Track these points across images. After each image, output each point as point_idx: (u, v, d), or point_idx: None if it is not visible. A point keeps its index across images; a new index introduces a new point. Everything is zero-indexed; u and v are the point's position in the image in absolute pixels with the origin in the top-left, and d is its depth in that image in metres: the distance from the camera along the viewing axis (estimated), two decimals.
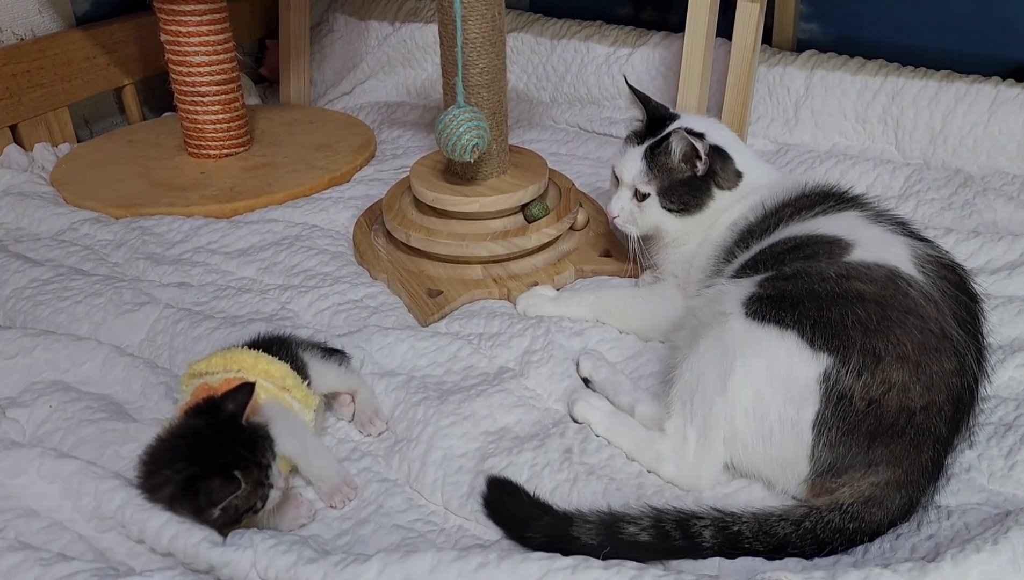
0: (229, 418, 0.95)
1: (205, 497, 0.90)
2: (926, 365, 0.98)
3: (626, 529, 0.95)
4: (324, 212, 1.76)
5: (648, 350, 1.32)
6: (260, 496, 0.94)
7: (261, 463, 0.94)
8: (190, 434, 0.94)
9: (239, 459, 0.92)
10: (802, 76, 1.98)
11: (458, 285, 1.47)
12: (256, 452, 0.94)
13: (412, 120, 2.25)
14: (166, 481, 0.92)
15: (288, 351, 1.14)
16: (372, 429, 1.17)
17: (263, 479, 0.94)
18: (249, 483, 0.92)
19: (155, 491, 0.94)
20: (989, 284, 1.39)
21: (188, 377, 1.08)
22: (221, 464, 0.91)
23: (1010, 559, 0.85)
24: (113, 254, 1.62)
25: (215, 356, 1.08)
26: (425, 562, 0.89)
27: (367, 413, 1.18)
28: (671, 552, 0.95)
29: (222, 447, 0.93)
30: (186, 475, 0.91)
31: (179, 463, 0.92)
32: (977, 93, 1.82)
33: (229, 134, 1.95)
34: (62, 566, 0.89)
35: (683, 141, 1.28)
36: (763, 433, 1.02)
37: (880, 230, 1.13)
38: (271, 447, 0.97)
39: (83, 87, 2.08)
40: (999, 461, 1.07)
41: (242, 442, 0.94)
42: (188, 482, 0.91)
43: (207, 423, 0.95)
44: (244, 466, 0.92)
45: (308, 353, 1.17)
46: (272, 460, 0.96)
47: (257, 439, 0.96)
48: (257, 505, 0.95)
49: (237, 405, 0.96)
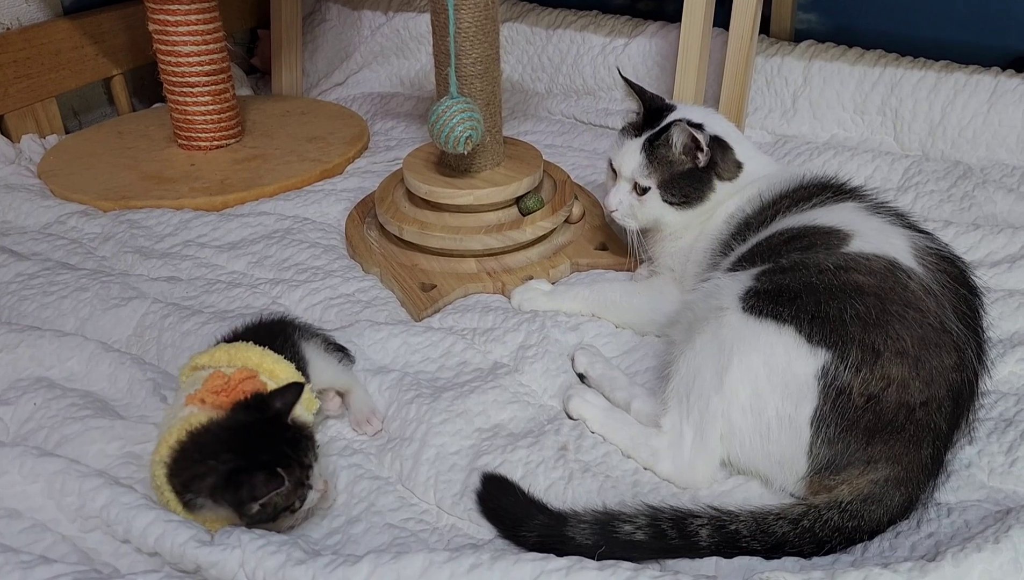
0: (275, 416, 0.95)
1: (248, 491, 0.90)
2: (926, 360, 0.97)
3: (621, 528, 0.93)
4: (316, 205, 1.74)
5: (644, 345, 1.31)
6: (299, 496, 0.95)
7: (304, 463, 0.94)
8: (237, 427, 0.94)
9: (284, 457, 0.92)
10: (800, 66, 1.96)
11: (452, 279, 1.45)
12: (299, 452, 0.94)
13: (406, 111, 2.23)
14: (209, 471, 0.91)
15: (289, 341, 1.13)
16: (368, 429, 1.15)
17: (304, 479, 0.94)
18: (291, 482, 0.92)
19: (195, 480, 0.92)
20: (989, 277, 1.38)
21: (190, 369, 1.07)
22: (266, 460, 0.91)
23: (1012, 558, 0.84)
24: (101, 248, 1.59)
25: (219, 349, 1.07)
26: (416, 563, 0.87)
27: (363, 412, 1.16)
28: (667, 551, 0.94)
29: (268, 443, 0.93)
30: (231, 467, 0.91)
31: (225, 455, 0.91)
32: (976, 84, 1.80)
33: (219, 125, 1.93)
34: (44, 569, 0.87)
35: (684, 132, 1.26)
36: (760, 430, 1.00)
37: (879, 221, 1.12)
38: (314, 448, 0.97)
39: (71, 77, 2.05)
40: (999, 457, 1.05)
41: (287, 440, 0.94)
42: (232, 474, 0.90)
43: (254, 419, 0.94)
44: (288, 464, 0.92)
45: (310, 345, 1.16)
46: (314, 461, 0.96)
47: (301, 439, 0.96)
48: (295, 505, 0.95)
49: (285, 404, 0.96)
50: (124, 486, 1.00)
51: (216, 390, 0.98)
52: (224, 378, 0.99)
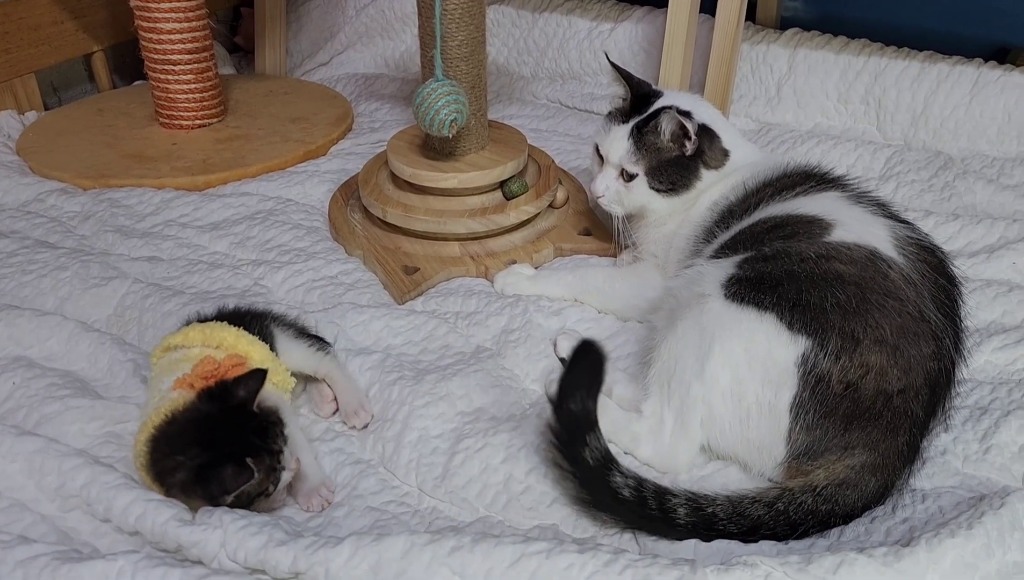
0: (240, 404, 0.94)
1: (218, 486, 0.90)
2: (904, 349, 0.98)
3: (614, 478, 0.95)
4: (299, 186, 1.73)
5: (626, 330, 1.31)
6: (272, 481, 0.95)
7: (272, 450, 0.94)
8: (202, 419, 0.93)
9: (251, 447, 0.92)
10: (785, 54, 1.96)
11: (435, 262, 1.45)
12: (267, 439, 0.94)
13: (390, 93, 2.22)
14: (178, 467, 0.92)
15: (259, 323, 1.12)
16: (357, 421, 1.14)
17: (275, 465, 0.94)
18: (261, 471, 0.93)
19: (167, 475, 0.93)
20: (967, 267, 1.39)
21: (161, 350, 1.06)
22: (233, 452, 0.91)
23: (984, 544, 0.86)
24: (81, 226, 1.58)
25: (192, 329, 1.06)
26: (397, 545, 0.87)
27: (352, 405, 1.15)
28: (647, 520, 0.95)
29: (234, 434, 0.92)
30: (199, 462, 0.91)
31: (192, 449, 0.91)
32: (959, 75, 1.81)
33: (202, 104, 1.91)
34: (23, 549, 0.87)
35: (673, 120, 1.26)
36: (740, 416, 1.01)
37: (861, 210, 1.13)
38: (282, 431, 0.97)
39: (50, 53, 2.02)
40: (974, 445, 1.07)
41: (253, 429, 0.94)
42: (201, 470, 0.90)
43: (218, 409, 0.94)
44: (256, 453, 0.92)
45: (279, 328, 1.15)
46: (283, 445, 0.96)
47: (268, 425, 0.95)
48: (269, 490, 0.95)
49: (248, 391, 0.95)
50: (104, 465, 0.99)
51: (206, 375, 0.97)
52: (215, 363, 0.98)
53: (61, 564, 0.85)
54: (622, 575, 0.84)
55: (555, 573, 0.85)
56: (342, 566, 0.86)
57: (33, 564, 0.85)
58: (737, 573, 0.84)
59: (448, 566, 0.86)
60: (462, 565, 0.86)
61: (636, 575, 0.84)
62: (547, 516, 1.01)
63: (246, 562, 0.88)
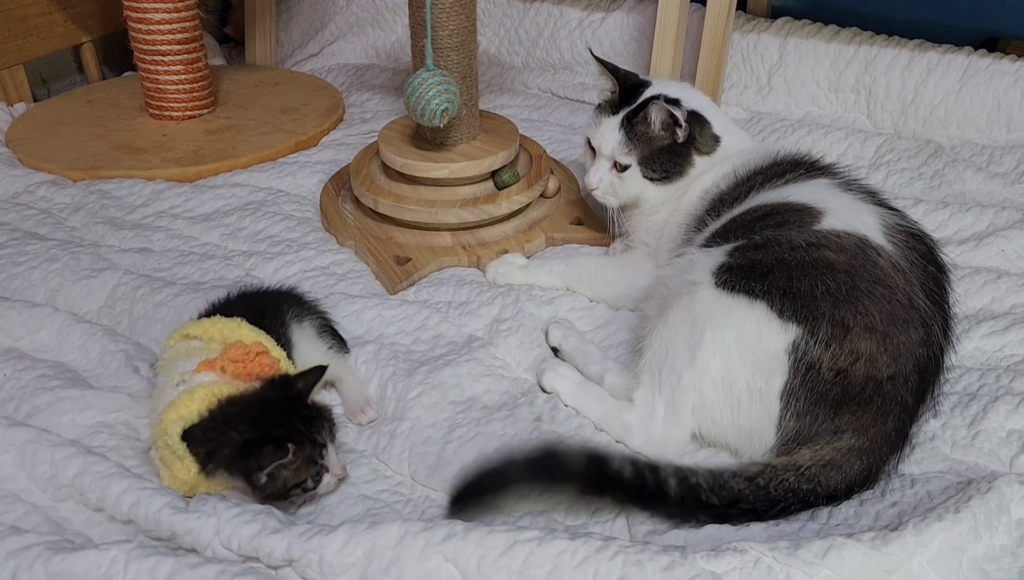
0: (296, 395, 0.99)
1: (254, 461, 0.93)
2: (894, 336, 0.98)
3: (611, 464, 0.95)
4: (290, 177, 1.72)
5: (618, 319, 1.32)
6: (312, 474, 0.97)
7: (316, 441, 0.97)
8: (259, 403, 0.97)
9: (295, 432, 0.95)
10: (776, 43, 1.96)
11: (427, 252, 1.45)
12: (313, 429, 0.97)
13: (381, 83, 2.21)
14: (228, 441, 0.94)
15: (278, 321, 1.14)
16: (363, 418, 1.14)
17: (316, 458, 0.97)
18: (300, 457, 0.95)
19: (217, 449, 0.95)
20: (956, 255, 1.40)
21: (180, 335, 1.08)
22: (278, 434, 0.94)
23: (971, 528, 0.87)
24: (71, 218, 1.57)
25: (214, 324, 1.08)
26: (391, 533, 0.88)
27: (358, 402, 1.15)
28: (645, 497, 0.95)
29: (284, 421, 0.96)
30: (245, 438, 0.94)
31: (243, 426, 0.94)
32: (949, 63, 1.82)
33: (192, 95, 1.90)
34: (15, 539, 0.87)
35: (662, 110, 1.26)
36: (731, 403, 1.02)
37: (850, 198, 1.13)
38: (331, 430, 1.00)
39: (39, 44, 2.01)
40: (962, 430, 1.08)
41: (302, 418, 0.97)
42: (245, 444, 0.93)
43: (276, 396, 0.98)
44: (299, 440, 0.95)
45: (301, 328, 1.16)
46: (329, 442, 0.99)
47: (317, 418, 0.99)
48: (308, 483, 0.97)
49: (306, 384, 1.00)
50: (97, 455, 1.00)
51: (236, 359, 1.01)
52: (244, 348, 1.02)
53: (54, 554, 0.85)
54: (613, 561, 0.85)
55: (547, 559, 0.85)
56: (336, 553, 0.87)
57: (26, 555, 0.85)
58: (727, 558, 0.85)
59: (442, 553, 0.86)
60: (455, 552, 0.86)
61: (627, 561, 0.84)
62: None
63: (240, 550, 0.88)
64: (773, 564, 0.84)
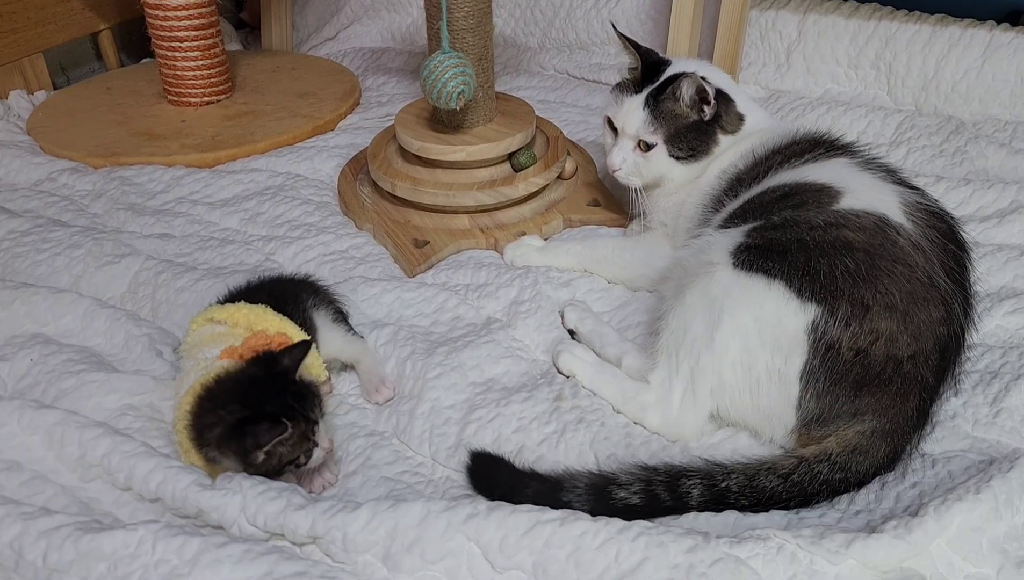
0: (284, 371, 0.98)
1: (252, 439, 0.93)
2: (914, 314, 0.98)
3: (616, 494, 0.94)
4: (308, 161, 1.73)
5: (636, 300, 1.32)
6: (304, 450, 0.97)
7: (309, 417, 0.96)
8: (247, 381, 0.97)
9: (289, 409, 0.95)
10: (795, 20, 1.94)
11: (445, 235, 1.45)
12: (305, 406, 0.97)
13: (397, 66, 2.21)
14: (218, 421, 0.94)
15: (300, 307, 1.14)
16: (379, 397, 1.15)
17: (309, 434, 0.96)
18: (296, 433, 0.94)
19: (207, 430, 0.95)
20: (978, 232, 1.39)
21: (205, 319, 1.09)
22: (271, 411, 0.94)
23: (992, 508, 0.86)
24: (93, 205, 1.59)
25: (239, 310, 1.08)
26: (414, 511, 0.89)
27: (373, 382, 1.16)
28: (660, 513, 0.95)
29: (274, 397, 0.96)
30: (237, 417, 0.93)
31: (233, 405, 0.94)
32: (971, 38, 1.79)
33: (209, 81, 1.91)
34: (45, 520, 0.89)
35: (694, 83, 1.24)
36: (750, 384, 1.02)
37: (870, 177, 1.12)
38: (320, 406, 1.00)
39: (58, 32, 2.02)
40: (984, 409, 1.07)
41: (293, 394, 0.97)
42: (238, 423, 0.93)
43: (263, 373, 0.97)
44: (293, 416, 0.94)
45: (320, 314, 1.16)
46: (320, 418, 0.98)
47: (308, 395, 0.98)
48: (300, 459, 0.97)
49: (292, 360, 0.99)
50: (124, 435, 1.01)
51: (257, 348, 1.00)
52: (267, 338, 1.02)
53: (83, 534, 0.87)
54: (635, 542, 0.85)
55: (569, 540, 0.86)
56: (359, 531, 0.88)
57: (56, 535, 0.87)
58: (750, 545, 0.85)
59: (464, 533, 0.87)
60: (477, 532, 0.87)
61: (649, 543, 0.85)
62: None
63: (265, 526, 0.90)
64: (797, 551, 0.84)
